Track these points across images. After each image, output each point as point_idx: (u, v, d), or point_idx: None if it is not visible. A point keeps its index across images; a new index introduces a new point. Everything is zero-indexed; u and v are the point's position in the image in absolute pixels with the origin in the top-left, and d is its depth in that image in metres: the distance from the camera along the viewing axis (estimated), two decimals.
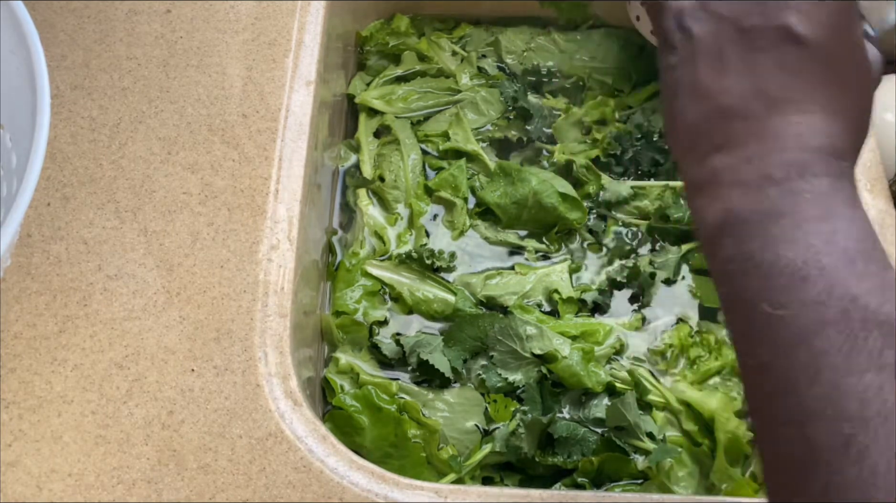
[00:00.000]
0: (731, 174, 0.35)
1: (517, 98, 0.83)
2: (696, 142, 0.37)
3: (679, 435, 0.68)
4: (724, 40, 0.36)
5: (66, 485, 0.53)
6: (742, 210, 0.34)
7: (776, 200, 0.34)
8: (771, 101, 0.35)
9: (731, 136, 0.35)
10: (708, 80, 0.36)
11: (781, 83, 0.35)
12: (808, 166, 0.34)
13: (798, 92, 0.35)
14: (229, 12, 0.72)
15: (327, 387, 0.70)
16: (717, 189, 0.35)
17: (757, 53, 0.35)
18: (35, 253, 0.60)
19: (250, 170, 0.64)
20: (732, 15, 0.36)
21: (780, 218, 0.33)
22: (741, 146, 0.35)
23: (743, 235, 0.34)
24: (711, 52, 0.36)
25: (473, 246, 0.77)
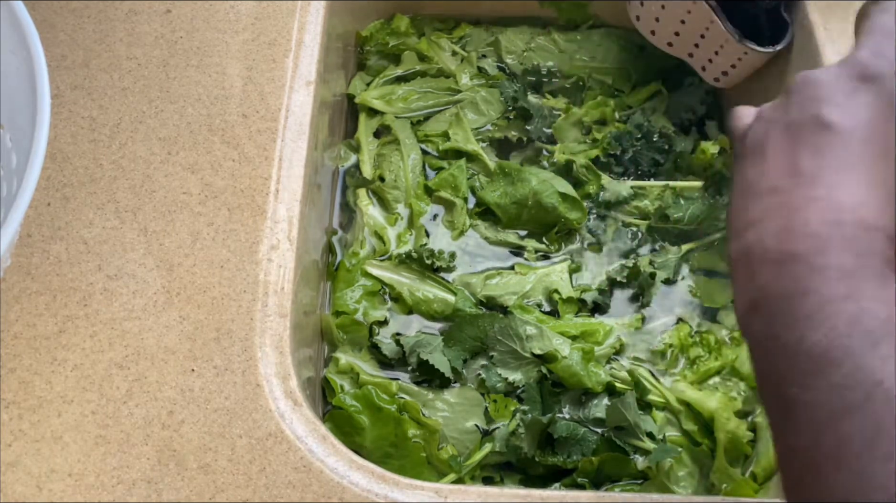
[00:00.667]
0: (759, 249, 0.37)
1: (517, 98, 0.83)
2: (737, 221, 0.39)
3: (679, 435, 0.68)
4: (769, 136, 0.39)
5: (66, 485, 0.53)
6: (769, 288, 0.36)
7: (801, 278, 0.35)
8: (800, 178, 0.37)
9: (762, 212, 0.38)
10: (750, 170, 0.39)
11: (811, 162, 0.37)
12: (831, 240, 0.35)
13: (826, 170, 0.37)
14: (229, 12, 0.72)
15: (327, 387, 0.70)
16: (748, 266, 0.37)
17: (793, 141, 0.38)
18: (35, 253, 0.60)
19: (250, 170, 0.64)
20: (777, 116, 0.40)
21: (805, 297, 0.34)
22: (769, 220, 0.37)
23: (770, 314, 0.35)
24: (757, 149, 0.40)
25: (473, 246, 0.77)
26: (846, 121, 0.37)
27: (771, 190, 0.38)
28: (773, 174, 0.38)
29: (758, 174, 0.39)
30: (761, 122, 0.41)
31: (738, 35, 0.75)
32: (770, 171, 0.38)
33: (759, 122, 0.41)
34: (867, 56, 0.39)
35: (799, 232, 0.36)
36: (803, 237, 0.35)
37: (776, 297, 0.35)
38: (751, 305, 0.37)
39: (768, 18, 0.78)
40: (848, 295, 0.34)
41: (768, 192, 0.38)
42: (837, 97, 0.38)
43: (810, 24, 0.75)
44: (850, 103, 0.38)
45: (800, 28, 0.76)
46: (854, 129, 0.37)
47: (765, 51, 0.75)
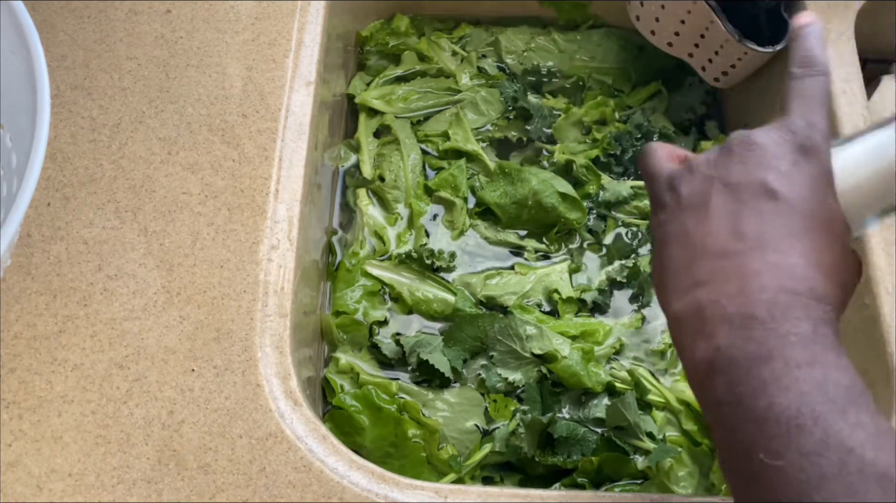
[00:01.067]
0: (714, 309, 0.37)
1: (517, 98, 0.83)
2: (679, 276, 0.39)
3: (679, 435, 0.68)
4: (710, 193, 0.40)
5: (66, 485, 0.53)
6: (730, 349, 0.36)
7: (763, 342, 0.35)
8: (748, 242, 0.38)
9: (713, 272, 0.38)
10: (693, 226, 0.40)
11: (759, 229, 0.38)
12: (790, 308, 0.36)
13: (775, 238, 0.38)
14: (229, 12, 0.72)
15: (327, 387, 0.70)
16: (702, 324, 0.37)
17: (738, 204, 0.39)
18: (35, 253, 0.60)
19: (250, 170, 0.64)
20: (718, 173, 0.40)
21: (770, 361, 0.34)
22: (723, 282, 0.37)
23: (733, 377, 0.35)
24: (698, 204, 0.40)
25: (473, 246, 0.77)
26: (790, 191, 0.38)
27: (720, 252, 0.38)
28: (720, 235, 0.39)
29: (702, 232, 0.39)
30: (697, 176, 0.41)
31: (738, 35, 0.75)
32: (717, 231, 0.39)
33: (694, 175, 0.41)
34: (802, 127, 0.40)
35: (756, 297, 0.36)
36: (761, 302, 0.36)
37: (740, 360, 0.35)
38: (708, 364, 0.36)
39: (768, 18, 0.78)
40: (812, 361, 0.34)
41: (718, 254, 0.38)
42: (781, 166, 0.39)
43: None
44: (792, 174, 0.39)
45: None
46: (797, 200, 0.38)
47: (765, 51, 0.75)
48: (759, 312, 0.36)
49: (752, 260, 0.37)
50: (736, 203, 0.39)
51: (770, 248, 0.37)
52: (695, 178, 0.41)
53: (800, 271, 0.37)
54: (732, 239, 0.38)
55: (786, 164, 0.39)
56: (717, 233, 0.39)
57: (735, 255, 0.38)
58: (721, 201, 0.39)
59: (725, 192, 0.39)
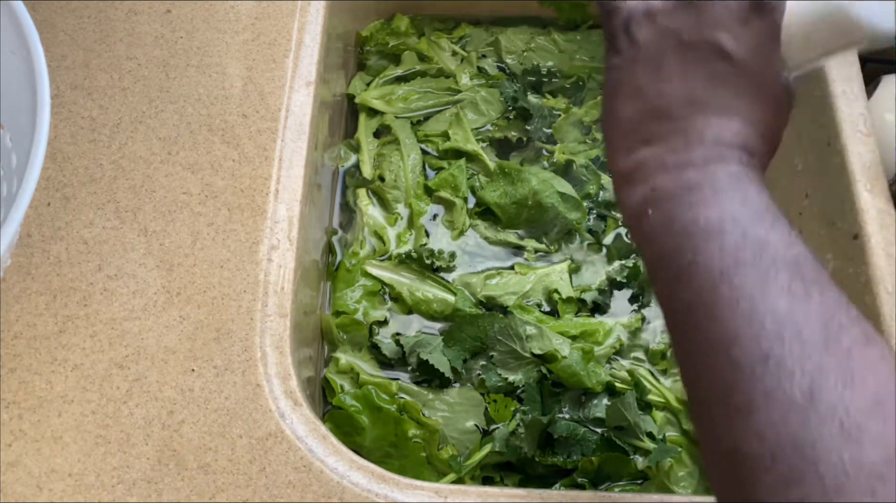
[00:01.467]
0: (655, 162, 0.40)
1: (517, 98, 0.83)
2: (628, 136, 0.41)
3: (679, 434, 0.68)
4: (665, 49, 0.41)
5: (66, 485, 0.53)
6: (665, 186, 0.39)
7: (694, 177, 0.39)
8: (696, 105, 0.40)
9: (658, 132, 0.40)
10: (645, 83, 0.41)
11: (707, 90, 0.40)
12: (722, 156, 0.39)
13: (721, 98, 0.40)
14: (229, 12, 0.72)
15: (327, 387, 0.70)
16: (641, 174, 0.40)
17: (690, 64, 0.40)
18: (35, 253, 0.60)
19: (250, 170, 0.64)
20: (674, 28, 0.41)
21: (699, 188, 0.38)
22: (666, 140, 0.40)
23: (665, 204, 0.39)
24: (652, 59, 0.41)
25: (473, 246, 0.77)
26: (740, 51, 0.40)
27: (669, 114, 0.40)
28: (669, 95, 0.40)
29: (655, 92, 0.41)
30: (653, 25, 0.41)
31: None
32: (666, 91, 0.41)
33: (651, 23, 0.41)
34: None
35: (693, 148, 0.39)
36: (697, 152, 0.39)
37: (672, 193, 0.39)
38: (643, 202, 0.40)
39: None
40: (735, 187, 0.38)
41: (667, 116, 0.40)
42: (734, 26, 0.40)
43: None
44: (744, 33, 0.40)
45: None
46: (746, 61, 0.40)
47: None
48: (694, 158, 0.39)
49: (697, 121, 0.40)
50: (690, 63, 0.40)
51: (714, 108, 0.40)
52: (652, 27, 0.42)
53: (737, 128, 0.40)
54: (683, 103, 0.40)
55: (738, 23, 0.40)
56: (667, 93, 0.41)
57: (683, 118, 0.40)
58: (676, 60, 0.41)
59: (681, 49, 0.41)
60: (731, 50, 0.40)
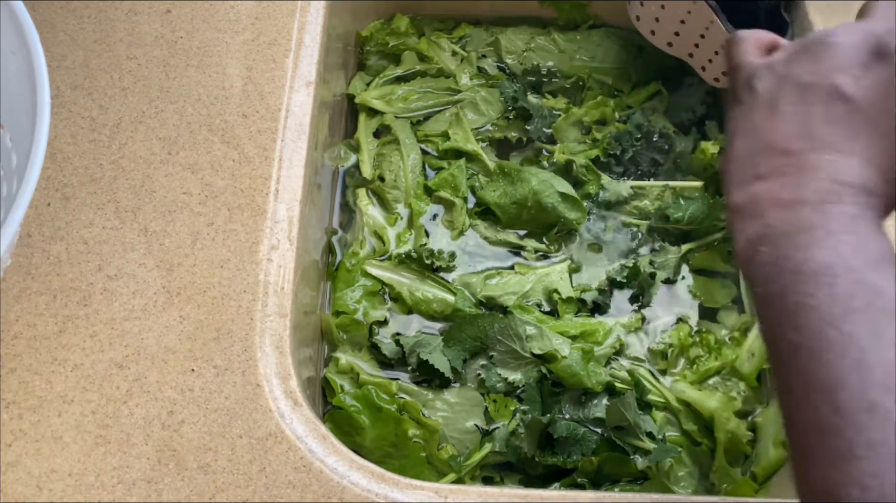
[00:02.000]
0: (769, 197, 0.40)
1: (517, 98, 0.83)
2: (743, 172, 0.42)
3: (679, 435, 0.68)
4: (782, 91, 0.42)
5: (66, 485, 0.53)
6: (778, 223, 0.39)
7: (809, 217, 0.39)
8: (813, 142, 0.40)
9: (773, 167, 0.41)
10: (760, 122, 0.42)
11: (824, 129, 0.40)
12: (839, 195, 0.39)
13: (837, 138, 0.40)
14: (229, 12, 0.72)
15: (327, 387, 0.70)
16: (756, 209, 0.41)
17: (807, 105, 0.41)
18: (35, 253, 0.60)
19: (250, 170, 0.64)
20: (792, 73, 0.42)
21: (812, 229, 0.38)
22: (781, 175, 0.40)
23: (779, 243, 0.39)
24: (770, 100, 0.42)
25: (473, 246, 0.77)
26: (860, 95, 0.40)
27: (784, 151, 0.41)
28: (786, 134, 0.41)
29: (770, 130, 0.41)
30: (772, 74, 0.43)
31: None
32: (783, 130, 0.41)
33: (771, 73, 0.43)
34: (882, 31, 0.41)
35: (809, 185, 0.39)
36: (813, 189, 0.39)
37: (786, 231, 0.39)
38: (756, 238, 0.40)
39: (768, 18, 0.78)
40: (851, 230, 0.38)
41: (782, 152, 0.41)
42: (854, 69, 0.41)
43: (810, 24, 0.75)
44: (864, 78, 0.40)
45: (800, 28, 0.76)
46: (865, 104, 0.40)
47: None
48: (809, 196, 0.39)
49: (813, 158, 0.40)
50: (806, 104, 0.41)
51: (831, 148, 0.40)
52: (771, 74, 0.43)
53: (855, 168, 0.40)
54: (798, 139, 0.41)
55: (858, 67, 0.41)
56: (783, 131, 0.41)
57: (798, 154, 0.40)
58: (792, 101, 0.41)
59: (798, 91, 0.41)
60: (850, 92, 0.40)
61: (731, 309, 0.74)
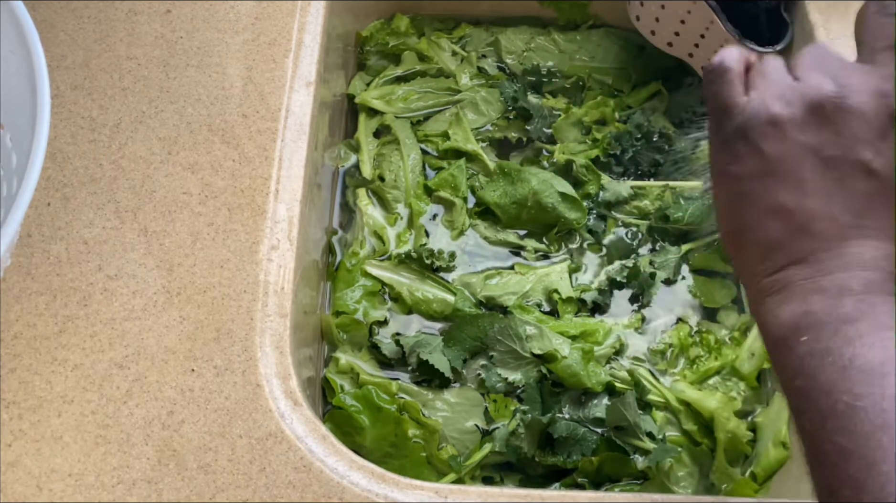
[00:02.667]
0: (810, 283, 0.38)
1: (517, 98, 0.83)
2: (772, 255, 0.40)
3: (679, 435, 0.68)
4: (805, 166, 0.39)
5: (66, 485, 0.53)
6: (820, 312, 0.37)
7: (853, 308, 0.37)
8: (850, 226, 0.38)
9: (809, 251, 0.39)
10: (788, 199, 0.39)
11: (857, 209, 0.38)
12: (882, 284, 0.38)
13: (872, 219, 0.39)
14: (229, 12, 0.72)
15: (327, 387, 0.70)
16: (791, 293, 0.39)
17: (835, 182, 0.39)
18: (35, 253, 0.60)
19: (250, 170, 0.64)
20: (812, 144, 0.39)
21: (858, 322, 0.37)
22: (821, 262, 0.38)
23: (822, 334, 0.37)
24: (792, 175, 0.39)
25: (473, 246, 0.77)
26: (885, 167, 0.38)
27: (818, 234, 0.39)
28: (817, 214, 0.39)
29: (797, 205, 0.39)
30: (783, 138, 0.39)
31: (738, 35, 0.75)
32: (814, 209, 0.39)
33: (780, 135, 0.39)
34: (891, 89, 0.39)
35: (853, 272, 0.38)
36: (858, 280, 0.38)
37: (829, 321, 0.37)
38: (794, 326, 0.38)
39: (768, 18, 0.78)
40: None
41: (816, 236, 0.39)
42: (875, 141, 0.38)
43: (810, 24, 0.75)
44: (884, 146, 0.39)
45: (800, 28, 0.76)
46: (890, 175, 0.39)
47: (765, 51, 0.75)
48: (854, 285, 0.38)
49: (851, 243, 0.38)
50: (834, 182, 0.39)
51: (867, 230, 0.38)
52: (784, 140, 0.39)
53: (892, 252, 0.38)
54: (831, 221, 0.39)
55: (878, 136, 0.39)
56: (814, 211, 0.39)
57: (836, 240, 0.39)
58: (818, 177, 0.39)
59: (822, 166, 0.39)
60: (877, 167, 0.38)
61: (731, 309, 0.74)
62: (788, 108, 0.40)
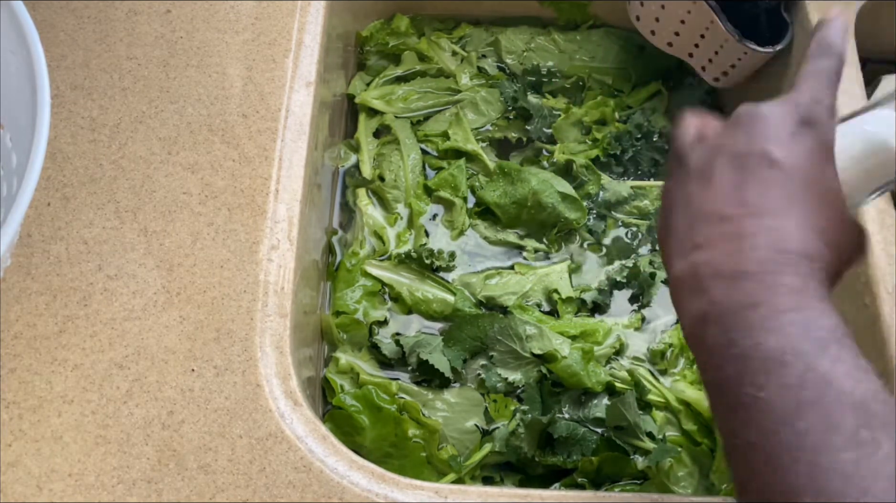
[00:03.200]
0: (709, 268, 0.39)
1: (517, 98, 0.83)
2: (681, 242, 0.41)
3: (679, 434, 0.68)
4: (714, 162, 0.42)
5: (66, 485, 0.53)
6: (722, 299, 0.38)
7: (753, 292, 0.38)
8: (748, 208, 0.40)
9: (710, 236, 0.40)
10: (695, 191, 0.42)
11: (758, 196, 0.40)
12: (780, 264, 0.38)
13: (773, 203, 0.40)
14: (229, 12, 0.72)
15: (327, 387, 0.70)
16: (697, 282, 0.40)
17: (740, 172, 0.41)
18: (35, 253, 0.60)
19: (250, 170, 0.64)
20: (724, 144, 0.42)
21: (758, 307, 0.37)
22: (718, 244, 0.40)
23: (725, 324, 0.38)
24: (703, 172, 0.42)
25: (473, 246, 0.77)
26: (790, 160, 0.40)
27: (720, 217, 0.40)
28: (720, 202, 0.41)
29: (704, 199, 0.41)
30: (705, 146, 0.43)
31: (738, 35, 0.75)
32: (718, 198, 0.41)
33: (703, 146, 0.43)
34: (808, 101, 0.42)
35: (749, 255, 0.38)
36: (753, 259, 0.38)
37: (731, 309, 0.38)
38: (702, 317, 0.39)
39: (768, 18, 0.78)
40: (798, 307, 0.37)
41: (718, 219, 0.40)
42: (782, 136, 0.41)
43: (810, 24, 0.75)
44: (793, 144, 0.41)
45: (800, 28, 0.76)
46: (796, 168, 0.40)
47: (765, 51, 0.75)
48: (750, 267, 0.38)
49: (749, 224, 0.39)
50: (738, 171, 0.41)
51: (767, 213, 0.39)
52: (703, 147, 0.43)
53: (793, 233, 0.39)
54: (732, 205, 0.40)
55: (787, 135, 0.41)
56: (718, 199, 0.41)
57: (733, 220, 0.40)
58: (725, 170, 0.41)
59: (730, 161, 0.41)
60: (781, 158, 0.40)
61: None
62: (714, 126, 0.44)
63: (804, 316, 0.36)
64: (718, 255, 0.39)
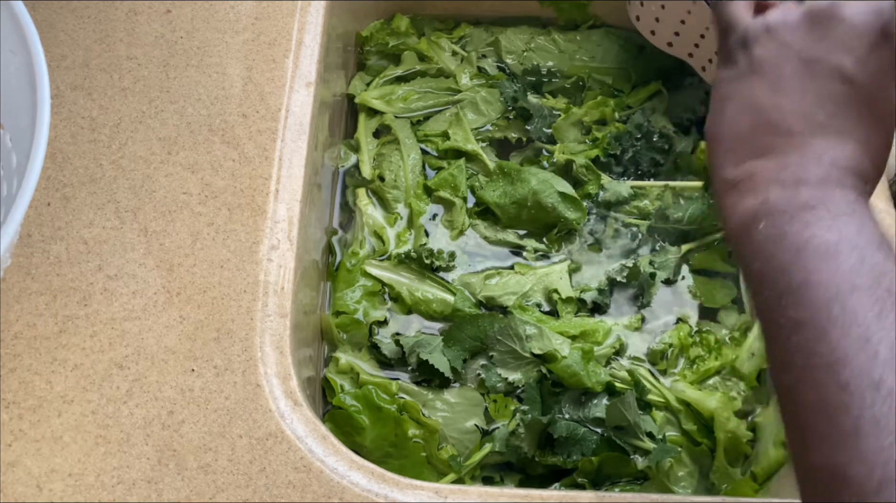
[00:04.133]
0: (768, 174, 0.40)
1: (517, 98, 0.83)
2: (739, 147, 0.41)
3: (679, 434, 0.68)
4: (784, 64, 0.41)
5: (66, 485, 0.53)
6: (778, 200, 0.39)
7: (809, 196, 0.38)
8: (814, 125, 0.40)
9: (773, 146, 0.40)
10: (763, 96, 0.41)
11: (826, 111, 0.40)
12: (839, 181, 0.39)
13: (839, 121, 0.40)
14: (229, 12, 0.72)
15: (327, 387, 0.70)
16: (752, 184, 0.40)
17: (811, 82, 0.40)
18: (35, 253, 0.60)
19: (250, 170, 0.64)
20: (797, 45, 0.41)
21: (815, 209, 0.38)
22: (782, 156, 0.40)
23: (779, 219, 0.38)
24: (770, 73, 0.41)
25: (473, 246, 0.77)
26: (863, 77, 0.40)
27: (786, 130, 0.40)
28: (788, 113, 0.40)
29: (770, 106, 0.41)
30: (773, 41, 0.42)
31: None
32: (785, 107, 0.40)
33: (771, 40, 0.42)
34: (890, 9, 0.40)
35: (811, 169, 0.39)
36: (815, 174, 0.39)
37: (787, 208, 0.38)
38: (753, 214, 0.39)
39: None
40: (852, 213, 0.38)
41: (783, 131, 0.40)
42: (861, 50, 0.40)
43: None
44: (869, 60, 0.40)
45: None
46: (866, 86, 0.40)
47: None
48: (810, 178, 0.39)
49: (815, 143, 0.40)
50: (810, 81, 0.40)
51: (833, 132, 0.40)
52: (772, 42, 0.42)
53: (854, 154, 0.39)
54: (799, 118, 0.40)
55: (865, 49, 0.40)
56: (785, 108, 0.40)
57: (799, 135, 0.40)
58: (796, 77, 0.41)
59: (801, 67, 0.41)
60: (853, 74, 0.40)
61: (731, 309, 0.74)
62: (785, 15, 0.42)
63: (859, 219, 0.37)
64: (780, 166, 0.39)
